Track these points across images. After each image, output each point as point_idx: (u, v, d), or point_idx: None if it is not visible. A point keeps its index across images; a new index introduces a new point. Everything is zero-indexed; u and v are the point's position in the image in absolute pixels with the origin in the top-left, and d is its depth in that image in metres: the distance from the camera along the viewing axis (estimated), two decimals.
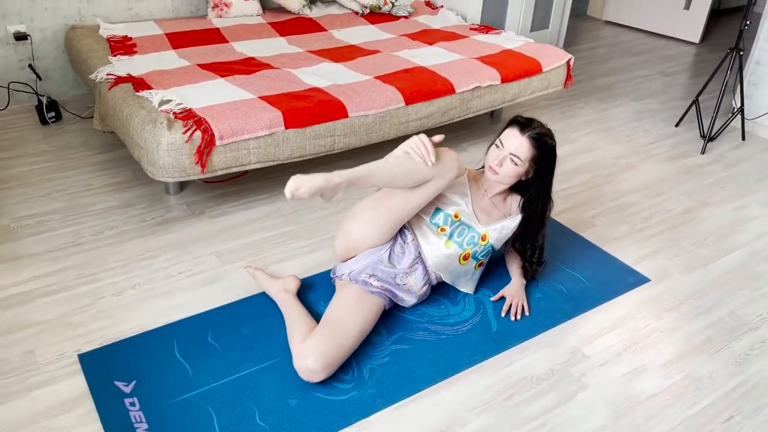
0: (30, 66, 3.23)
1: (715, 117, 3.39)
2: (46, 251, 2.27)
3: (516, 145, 1.95)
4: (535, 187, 2.04)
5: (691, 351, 1.99)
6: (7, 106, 3.26)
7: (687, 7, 5.28)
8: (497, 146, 1.99)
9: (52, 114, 3.19)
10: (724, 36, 5.64)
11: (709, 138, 3.37)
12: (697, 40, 5.31)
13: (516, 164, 1.96)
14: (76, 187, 2.68)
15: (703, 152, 3.35)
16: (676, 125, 3.67)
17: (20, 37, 3.17)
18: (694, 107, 3.60)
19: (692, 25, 5.30)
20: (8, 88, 3.24)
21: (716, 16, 6.07)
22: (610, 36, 5.47)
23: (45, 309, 2.00)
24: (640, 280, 2.31)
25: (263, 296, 2.10)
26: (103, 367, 1.79)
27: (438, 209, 2.04)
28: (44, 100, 3.14)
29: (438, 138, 1.89)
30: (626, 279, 2.31)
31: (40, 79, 3.29)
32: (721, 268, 2.41)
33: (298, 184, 1.68)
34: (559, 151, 2.59)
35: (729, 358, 1.97)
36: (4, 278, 2.12)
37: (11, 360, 1.80)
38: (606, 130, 3.57)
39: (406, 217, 1.94)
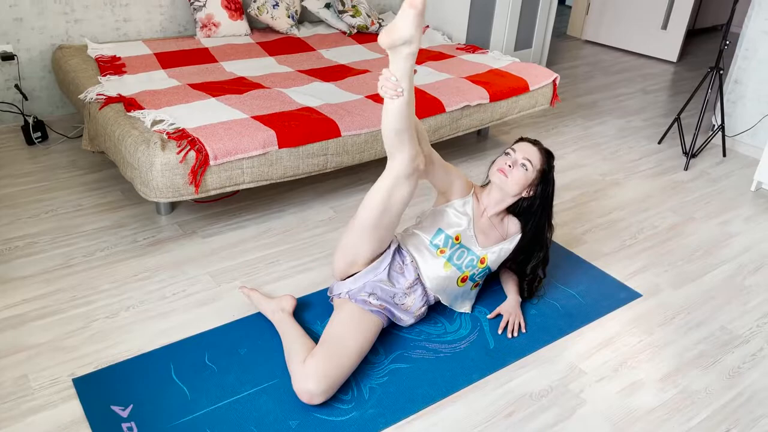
0: (16, 86, 3.20)
1: (697, 134, 3.47)
2: (37, 273, 2.24)
3: (528, 151, 2.03)
4: (539, 212, 2.09)
5: (685, 365, 2.02)
6: None
7: (664, 26, 5.42)
8: (507, 153, 2.05)
9: (39, 134, 3.16)
10: (700, 55, 5.79)
11: (691, 155, 3.45)
12: (674, 58, 5.45)
13: (526, 169, 2.00)
14: (64, 208, 2.65)
15: (686, 168, 3.42)
16: (659, 142, 3.74)
17: (6, 57, 3.14)
18: (675, 124, 3.68)
19: (669, 44, 5.43)
20: None
21: (692, 36, 6.24)
22: (590, 55, 5.58)
23: (37, 332, 1.96)
24: (632, 295, 2.34)
25: (259, 316, 2.09)
26: (98, 392, 1.76)
27: (440, 230, 2.05)
28: (30, 120, 3.11)
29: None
30: (618, 294, 2.34)
31: (27, 99, 3.26)
32: (709, 282, 2.46)
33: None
34: None
35: (722, 371, 2.00)
36: None
37: (5, 385, 1.76)
38: (591, 147, 3.63)
39: (390, 220, 1.89)
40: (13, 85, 3.22)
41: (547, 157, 2.07)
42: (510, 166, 2.02)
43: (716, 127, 3.64)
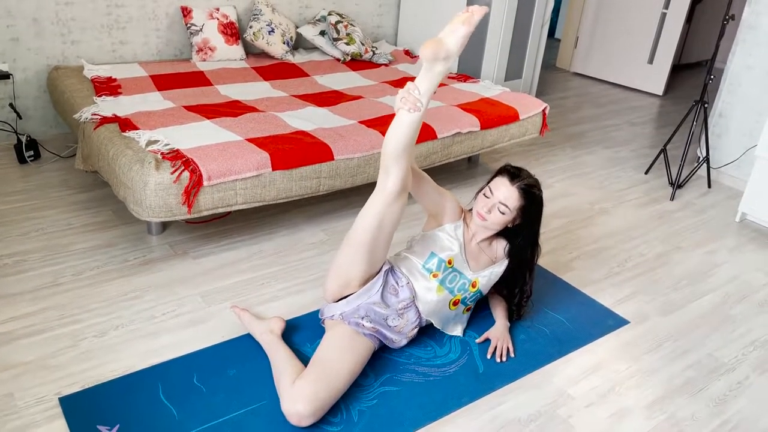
0: (11, 105, 3.21)
1: (682, 165, 3.53)
2: (25, 291, 2.22)
3: (505, 194, 2.00)
4: (523, 235, 2.09)
5: (672, 392, 2.04)
6: None
7: (650, 61, 5.55)
8: (485, 196, 2.04)
9: (31, 153, 3.16)
10: (685, 89, 5.92)
11: (677, 185, 3.51)
12: (660, 92, 5.57)
13: (503, 213, 2.01)
14: (55, 227, 2.64)
15: (672, 199, 3.47)
16: (646, 172, 3.81)
17: (2, 76, 3.16)
18: (662, 156, 3.75)
19: (655, 78, 5.56)
20: None
21: (677, 70, 6.39)
22: (578, 87, 5.69)
23: (24, 350, 1.95)
24: (619, 322, 2.36)
25: (249, 337, 2.08)
26: (85, 411, 1.74)
27: (432, 254, 2.06)
28: (23, 138, 3.12)
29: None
30: (606, 321, 2.36)
31: (20, 118, 3.27)
32: (696, 311, 2.49)
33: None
34: None
35: (709, 398, 2.02)
36: None
37: None
38: (580, 176, 3.69)
39: (383, 240, 1.92)
40: (7, 104, 3.24)
41: (526, 193, 2.01)
42: (488, 212, 2.02)
43: (701, 159, 3.71)
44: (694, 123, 3.49)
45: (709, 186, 3.70)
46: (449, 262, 2.06)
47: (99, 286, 2.29)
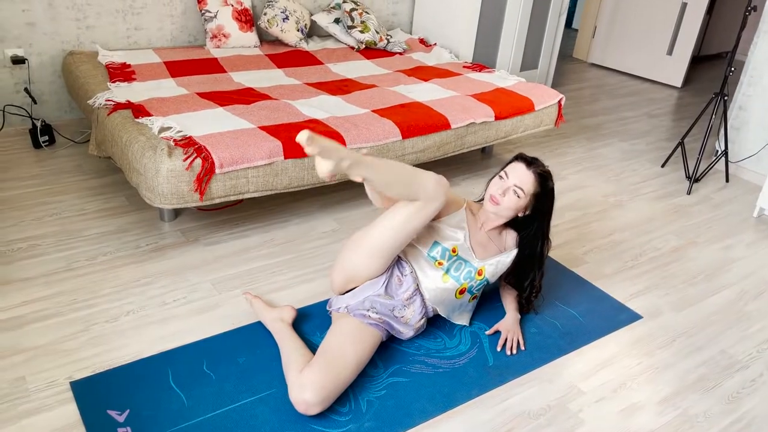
0: (26, 89, 3.23)
1: (700, 159, 3.48)
2: (38, 276, 2.24)
3: (521, 177, 2.00)
4: (535, 227, 2.08)
5: (685, 388, 2.01)
6: (1, 128, 3.24)
7: (669, 52, 5.46)
8: (501, 177, 2.03)
9: (46, 138, 3.18)
10: (705, 81, 5.82)
11: (694, 179, 3.46)
12: (679, 84, 5.48)
13: (518, 196, 1.99)
14: (68, 212, 2.66)
15: (689, 193, 3.42)
16: (662, 166, 3.75)
17: (17, 60, 3.17)
18: (680, 149, 3.69)
19: (674, 69, 5.47)
20: (3, 111, 3.23)
21: (697, 62, 6.28)
22: (595, 78, 5.62)
23: (36, 335, 1.96)
24: (632, 317, 2.34)
25: (259, 325, 2.08)
26: (95, 395, 1.75)
27: (436, 242, 2.05)
28: (38, 123, 3.13)
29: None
30: (619, 316, 2.34)
31: (35, 102, 3.28)
32: (710, 306, 2.45)
33: (313, 139, 1.64)
34: None
35: (722, 396, 1.99)
36: None
37: (2, 386, 1.76)
38: (595, 168, 3.65)
39: (401, 244, 1.91)
40: (22, 89, 3.25)
41: (542, 179, 2.03)
42: (502, 194, 2.01)
43: (719, 152, 3.65)
44: (713, 116, 3.43)
45: (727, 180, 3.64)
46: (453, 251, 2.04)
47: (111, 272, 2.30)
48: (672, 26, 5.36)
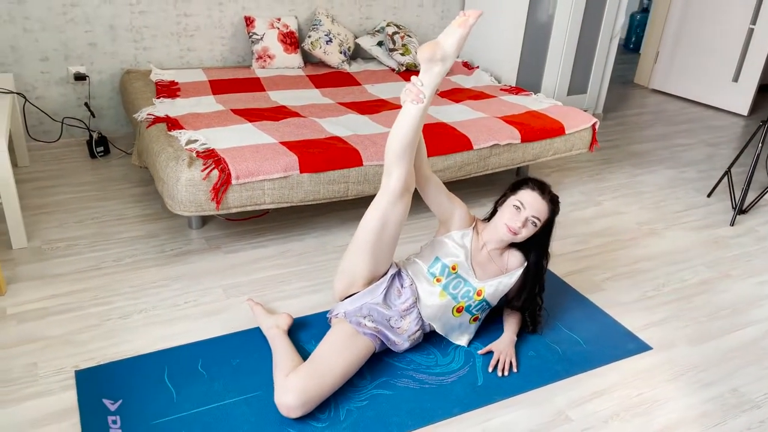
0: (86, 104, 3.51)
1: (746, 189, 3.31)
2: (69, 273, 2.43)
3: (538, 207, 2.03)
4: (536, 250, 2.10)
5: (683, 424, 1.92)
6: (59, 139, 3.54)
7: (735, 79, 5.22)
8: (518, 207, 2.03)
9: (101, 148, 3.44)
10: None
11: (739, 210, 3.29)
12: (745, 112, 5.22)
13: (535, 225, 2.02)
14: (108, 216, 2.87)
15: (732, 224, 3.26)
16: (708, 195, 3.59)
17: (80, 77, 3.46)
18: (726, 178, 3.53)
19: (741, 97, 5.22)
20: (62, 123, 3.53)
21: (766, 90, 5.96)
22: (654, 104, 5.45)
23: (55, 325, 2.13)
24: (641, 347, 2.26)
25: (258, 331, 2.17)
26: (94, 384, 1.89)
27: (437, 258, 2.08)
28: (95, 135, 3.40)
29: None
30: (626, 345, 2.26)
31: (94, 116, 3.57)
32: (731, 342, 2.33)
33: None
34: (583, 213, 2.58)
35: None
36: (27, 294, 2.28)
37: (15, 370, 1.93)
38: (634, 195, 3.54)
39: (389, 237, 1.97)
40: (83, 103, 3.54)
41: (553, 205, 2.08)
42: (522, 226, 2.03)
43: None
44: (761, 145, 3.26)
45: None
46: (453, 268, 2.06)
47: (134, 273, 2.47)
48: (738, 52, 5.13)
